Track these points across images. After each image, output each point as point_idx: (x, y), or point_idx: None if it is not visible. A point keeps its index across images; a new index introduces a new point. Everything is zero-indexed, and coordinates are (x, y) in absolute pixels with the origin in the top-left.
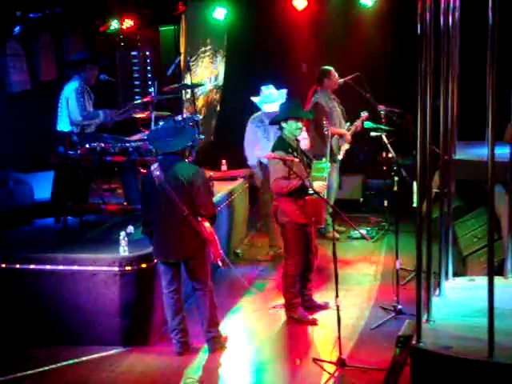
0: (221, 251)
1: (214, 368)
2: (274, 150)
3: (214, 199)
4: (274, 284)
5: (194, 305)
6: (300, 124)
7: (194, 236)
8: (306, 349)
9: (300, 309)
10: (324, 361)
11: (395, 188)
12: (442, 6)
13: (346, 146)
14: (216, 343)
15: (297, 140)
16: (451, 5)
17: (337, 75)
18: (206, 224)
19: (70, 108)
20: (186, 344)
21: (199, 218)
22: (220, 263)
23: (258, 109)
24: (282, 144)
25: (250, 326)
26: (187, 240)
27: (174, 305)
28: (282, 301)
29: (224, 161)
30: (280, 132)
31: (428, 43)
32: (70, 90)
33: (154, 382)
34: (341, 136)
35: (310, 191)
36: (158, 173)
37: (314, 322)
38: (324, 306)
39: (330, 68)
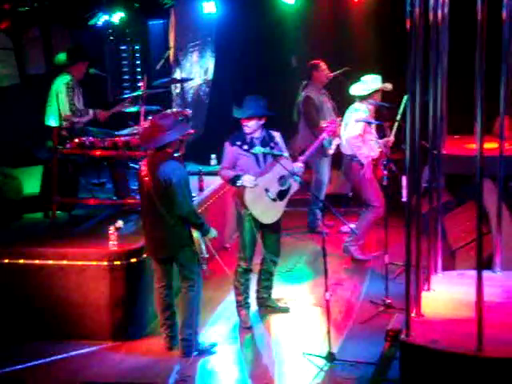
0: (206, 255)
1: (203, 362)
2: (227, 140)
3: (204, 194)
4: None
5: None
6: (247, 122)
7: (176, 234)
8: (295, 343)
9: (242, 311)
10: (314, 355)
11: (384, 182)
12: (431, 1)
13: (337, 141)
14: (187, 347)
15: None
16: (440, 0)
17: (326, 69)
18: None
19: (60, 103)
20: (175, 339)
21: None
22: (204, 267)
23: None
24: (234, 136)
25: (238, 320)
26: (169, 238)
27: (163, 300)
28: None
29: (213, 155)
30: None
31: (417, 38)
32: (60, 84)
33: (144, 377)
34: None
35: (238, 184)
36: (143, 168)
37: (250, 327)
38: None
39: (319, 61)
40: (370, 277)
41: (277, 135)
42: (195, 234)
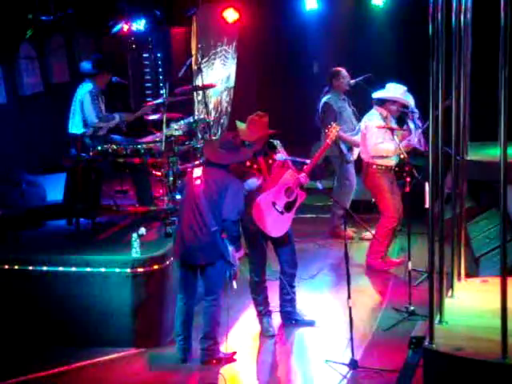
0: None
1: (224, 371)
2: None
3: None
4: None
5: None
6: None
7: (217, 242)
8: (317, 350)
9: (264, 320)
10: (336, 362)
11: (407, 189)
12: (453, 6)
13: (356, 150)
14: (207, 356)
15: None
16: (463, 6)
17: (348, 76)
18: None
19: (86, 110)
20: (189, 351)
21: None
22: (235, 285)
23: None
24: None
25: (259, 328)
26: (210, 245)
27: (187, 312)
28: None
29: None
30: None
31: (439, 44)
32: (85, 92)
33: None
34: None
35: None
36: (197, 171)
37: (273, 335)
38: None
39: (340, 69)
40: (392, 284)
41: (278, 144)
42: (230, 247)
